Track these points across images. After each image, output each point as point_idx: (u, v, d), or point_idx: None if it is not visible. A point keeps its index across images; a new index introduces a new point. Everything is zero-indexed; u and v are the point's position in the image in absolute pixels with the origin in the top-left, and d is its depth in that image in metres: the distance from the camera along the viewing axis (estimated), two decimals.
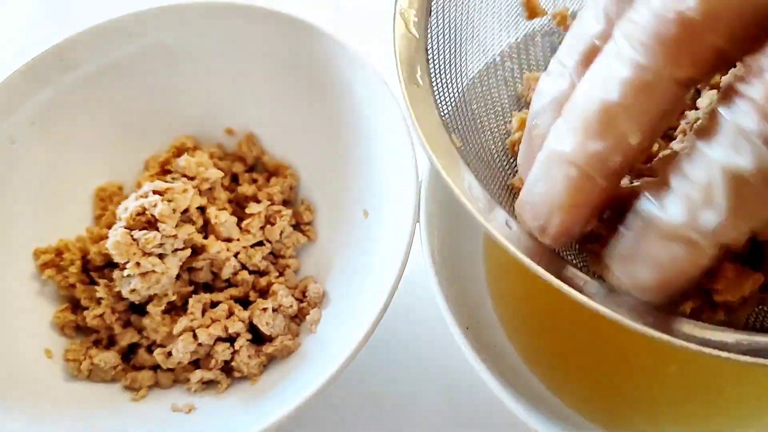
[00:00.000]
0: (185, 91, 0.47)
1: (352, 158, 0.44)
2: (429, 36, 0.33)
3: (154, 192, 0.40)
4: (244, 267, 0.43)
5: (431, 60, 0.32)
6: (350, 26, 0.46)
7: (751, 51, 0.22)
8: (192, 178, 0.43)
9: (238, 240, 0.43)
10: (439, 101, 0.31)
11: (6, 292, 0.41)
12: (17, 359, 0.39)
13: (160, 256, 0.39)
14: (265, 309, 0.41)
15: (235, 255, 0.42)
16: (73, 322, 0.42)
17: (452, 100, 0.33)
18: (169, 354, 0.40)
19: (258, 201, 0.45)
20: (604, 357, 0.39)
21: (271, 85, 0.46)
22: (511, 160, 0.34)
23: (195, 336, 0.40)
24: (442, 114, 0.31)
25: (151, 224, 0.39)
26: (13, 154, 0.43)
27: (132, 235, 0.39)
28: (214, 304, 0.42)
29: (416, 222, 0.37)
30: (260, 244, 0.44)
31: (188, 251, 0.40)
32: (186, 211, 0.41)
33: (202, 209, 0.43)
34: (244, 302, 0.42)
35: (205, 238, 0.42)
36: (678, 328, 0.26)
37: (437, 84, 0.32)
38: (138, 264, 0.38)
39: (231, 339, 0.41)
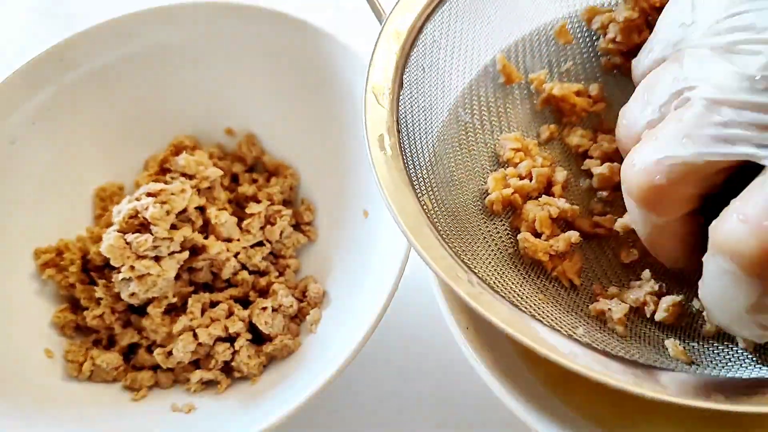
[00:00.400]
0: (185, 91, 0.47)
1: (352, 158, 0.44)
2: (401, 105, 0.33)
3: (148, 194, 0.40)
4: (244, 267, 0.43)
5: (403, 131, 0.33)
6: (350, 26, 0.46)
7: None
8: (191, 177, 0.43)
9: (238, 240, 0.43)
10: (409, 166, 0.32)
11: (6, 291, 0.41)
12: (17, 359, 0.39)
13: (157, 259, 0.39)
14: (264, 308, 0.41)
15: (235, 255, 0.42)
16: (73, 322, 0.42)
17: (427, 162, 0.34)
18: (169, 354, 0.40)
19: (258, 201, 0.45)
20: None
21: (271, 85, 0.47)
22: (488, 221, 0.34)
23: (195, 335, 0.40)
24: (412, 176, 0.32)
25: (145, 227, 0.39)
26: (13, 154, 0.43)
27: (125, 239, 0.39)
28: (213, 304, 0.42)
29: None
30: (260, 244, 0.44)
31: (186, 254, 0.40)
32: (184, 211, 0.41)
33: (201, 209, 0.43)
34: (244, 302, 0.42)
35: (206, 238, 0.42)
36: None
37: (409, 150, 0.33)
38: (132, 267, 0.38)
39: (231, 339, 0.41)
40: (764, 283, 0.23)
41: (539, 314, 0.30)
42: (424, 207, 0.31)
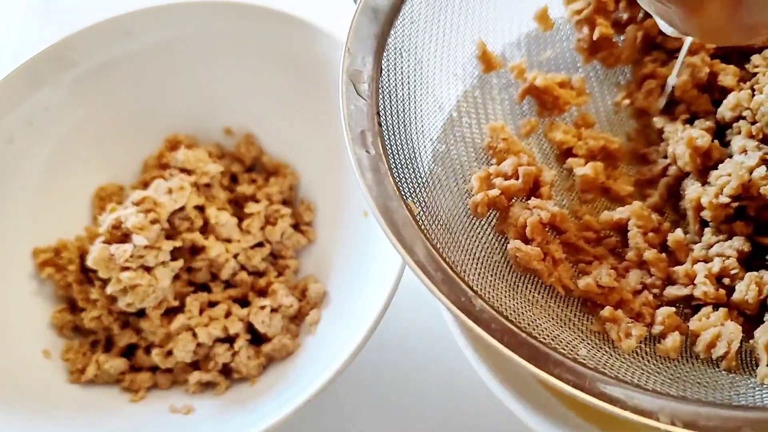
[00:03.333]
0: (184, 90, 0.47)
1: None
2: (381, 96, 0.30)
3: (134, 203, 0.39)
4: (243, 268, 0.43)
5: (384, 124, 0.30)
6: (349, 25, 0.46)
7: None
8: (190, 173, 0.43)
9: (238, 241, 0.42)
10: (393, 167, 0.29)
11: (3, 292, 0.41)
12: (16, 360, 0.39)
13: (149, 269, 0.39)
14: (262, 307, 0.40)
15: (235, 256, 0.42)
16: (72, 322, 0.42)
17: (407, 164, 0.31)
18: (168, 354, 0.40)
19: (257, 201, 0.45)
20: None
21: (271, 84, 0.46)
22: (473, 222, 0.32)
23: (194, 335, 0.40)
24: (397, 180, 0.29)
25: (129, 237, 0.39)
26: (11, 153, 0.43)
27: (109, 250, 0.38)
28: (212, 305, 0.41)
29: None
30: (260, 245, 0.44)
31: (181, 262, 0.40)
32: (183, 209, 0.41)
33: (201, 209, 0.42)
34: (244, 303, 0.42)
35: (205, 238, 0.42)
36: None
37: (390, 148, 0.30)
38: (119, 279, 0.38)
39: (230, 340, 0.41)
40: None
41: (544, 336, 0.28)
42: (414, 215, 0.28)
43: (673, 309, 0.31)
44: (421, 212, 0.29)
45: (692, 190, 0.33)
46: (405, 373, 0.43)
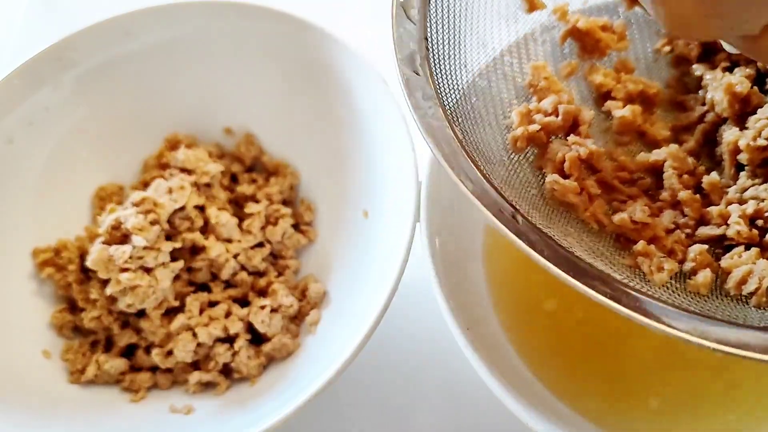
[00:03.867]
0: (184, 90, 0.47)
1: (352, 158, 0.44)
2: (428, 24, 0.32)
3: (134, 204, 0.39)
4: (243, 268, 0.43)
5: (431, 48, 0.31)
6: (350, 26, 0.46)
7: None
8: (190, 173, 0.43)
9: (239, 241, 0.42)
10: (439, 91, 0.30)
11: (3, 292, 0.41)
12: (16, 360, 0.39)
13: (149, 270, 0.39)
14: (262, 307, 0.40)
15: (235, 256, 0.42)
16: (72, 322, 0.42)
17: (452, 91, 0.32)
18: (168, 354, 0.40)
19: (257, 201, 0.45)
20: (605, 358, 0.39)
21: (271, 84, 0.46)
22: (512, 156, 0.33)
23: (195, 335, 0.40)
24: (444, 104, 0.30)
25: (128, 238, 0.39)
26: (11, 153, 0.43)
27: (108, 251, 0.38)
28: (212, 304, 0.41)
29: (416, 222, 0.37)
30: (260, 245, 0.44)
31: (181, 263, 0.40)
32: (183, 209, 0.41)
33: (202, 209, 0.42)
34: (244, 303, 0.42)
35: (206, 238, 0.42)
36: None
37: (437, 74, 0.31)
38: (118, 280, 0.38)
39: (230, 339, 0.41)
40: None
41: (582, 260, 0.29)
42: (459, 138, 0.29)
43: (706, 246, 0.31)
44: (463, 138, 0.30)
45: (730, 134, 0.33)
46: (405, 373, 0.43)
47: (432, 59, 0.31)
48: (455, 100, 0.32)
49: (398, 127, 0.39)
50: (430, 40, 0.31)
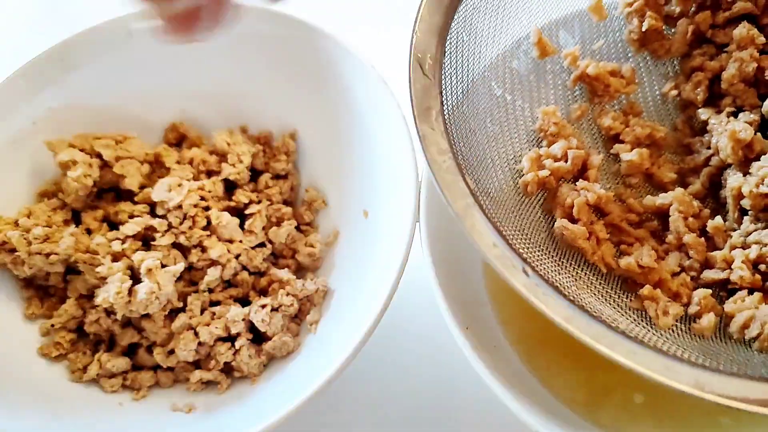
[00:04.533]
0: (185, 91, 0.47)
1: (352, 158, 0.44)
2: (443, 78, 0.33)
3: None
4: (244, 268, 0.43)
5: (445, 103, 0.32)
6: (351, 27, 0.46)
7: None
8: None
9: (240, 242, 0.42)
10: (453, 144, 0.31)
11: (3, 290, 0.41)
12: (16, 359, 0.39)
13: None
14: (263, 306, 0.41)
15: (236, 257, 0.42)
16: (75, 322, 0.42)
17: (466, 141, 0.33)
18: (169, 353, 0.40)
19: (257, 201, 0.45)
20: (604, 358, 0.39)
21: (272, 85, 0.46)
22: (523, 201, 0.34)
23: (196, 334, 0.40)
24: (457, 155, 0.31)
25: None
26: (13, 153, 0.43)
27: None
28: (213, 304, 0.42)
29: (416, 222, 0.37)
30: (261, 245, 0.44)
31: (181, 266, 0.40)
32: (180, 207, 0.41)
33: (205, 209, 0.42)
34: (245, 302, 0.42)
35: (207, 236, 0.42)
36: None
37: (451, 127, 0.32)
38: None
39: (231, 339, 0.41)
40: None
41: (589, 308, 0.29)
42: (472, 189, 0.30)
43: (710, 291, 0.32)
44: (476, 188, 0.31)
45: (734, 179, 0.34)
46: (405, 372, 0.43)
47: (446, 113, 0.32)
48: (468, 147, 0.33)
49: (398, 127, 0.40)
50: (444, 95, 0.33)
